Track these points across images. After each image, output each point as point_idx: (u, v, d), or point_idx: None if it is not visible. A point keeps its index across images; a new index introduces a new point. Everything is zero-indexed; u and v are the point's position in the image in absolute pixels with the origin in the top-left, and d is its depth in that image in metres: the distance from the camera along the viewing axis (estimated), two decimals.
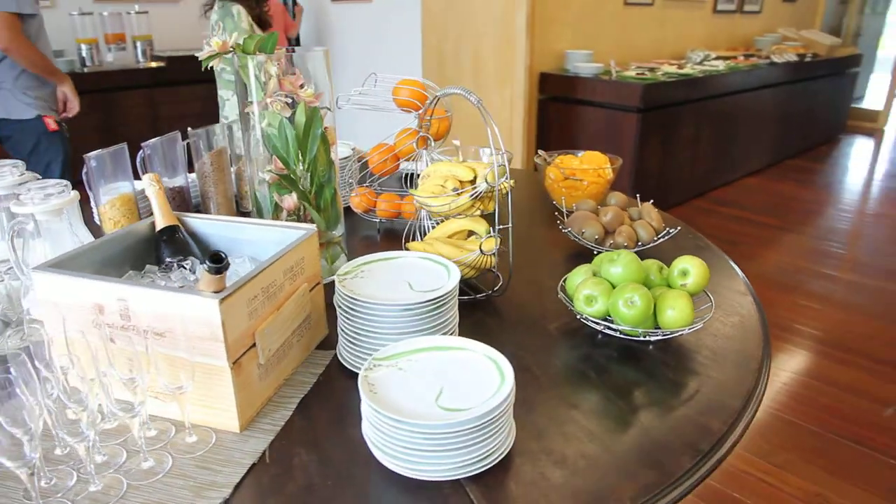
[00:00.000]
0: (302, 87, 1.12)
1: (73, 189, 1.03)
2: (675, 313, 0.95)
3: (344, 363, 0.93)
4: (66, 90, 2.91)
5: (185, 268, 0.92)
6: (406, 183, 1.63)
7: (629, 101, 3.90)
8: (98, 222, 1.34)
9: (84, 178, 1.36)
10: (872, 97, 8.25)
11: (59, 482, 0.71)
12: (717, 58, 5.26)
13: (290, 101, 1.11)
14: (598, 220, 1.34)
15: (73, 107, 2.96)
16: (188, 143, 1.41)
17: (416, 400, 0.72)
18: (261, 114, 1.12)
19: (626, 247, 1.30)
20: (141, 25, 5.48)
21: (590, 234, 1.31)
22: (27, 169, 1.25)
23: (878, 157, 6.43)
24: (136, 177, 1.28)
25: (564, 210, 1.44)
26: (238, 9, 3.15)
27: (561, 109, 4.28)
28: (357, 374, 0.77)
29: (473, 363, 0.78)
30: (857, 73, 6.95)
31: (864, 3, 8.68)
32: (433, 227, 1.31)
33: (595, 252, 1.31)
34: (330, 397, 0.88)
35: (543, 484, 0.71)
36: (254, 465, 0.74)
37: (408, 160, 1.47)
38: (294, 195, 1.15)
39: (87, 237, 1.06)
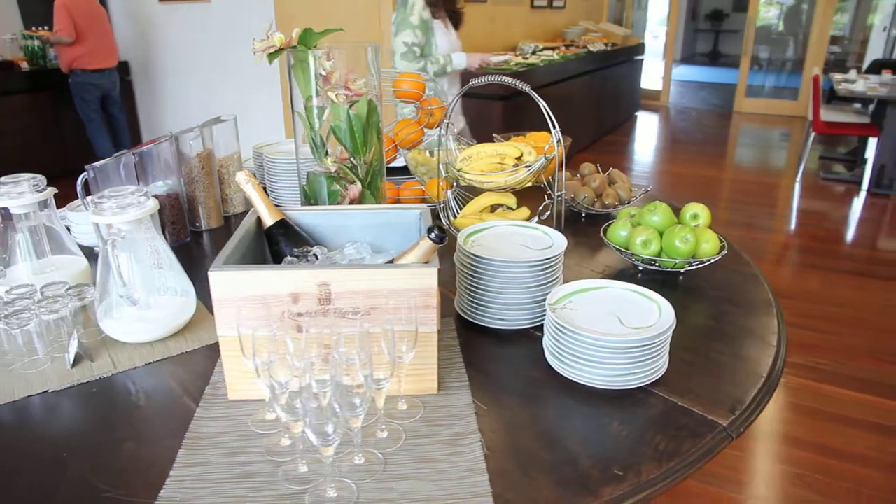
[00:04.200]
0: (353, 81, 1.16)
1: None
2: (709, 246, 1.20)
3: (467, 318, 1.05)
4: None
5: (316, 256, 0.94)
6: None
7: (493, 91, 4.23)
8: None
9: (80, 187, 1.24)
10: (649, 79, 9.77)
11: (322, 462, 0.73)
12: (545, 48, 5.87)
13: (350, 93, 1.15)
14: (589, 186, 1.56)
15: None
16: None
17: (609, 325, 0.87)
18: (319, 107, 1.14)
19: (616, 205, 1.54)
20: None
21: (587, 199, 1.53)
22: None
23: (663, 128, 7.78)
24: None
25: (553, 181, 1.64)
26: (413, 0, 2.65)
27: None
28: (480, 326, 0.91)
29: (623, 296, 0.95)
30: (643, 59, 8.19)
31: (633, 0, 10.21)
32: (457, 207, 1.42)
33: (583, 214, 1.54)
34: (478, 350, 0.97)
35: (690, 383, 0.90)
36: (475, 413, 0.82)
37: (410, 149, 1.54)
38: (358, 184, 1.19)
39: (162, 246, 1.00)
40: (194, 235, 1.48)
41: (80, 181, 1.25)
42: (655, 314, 0.91)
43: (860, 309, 3.07)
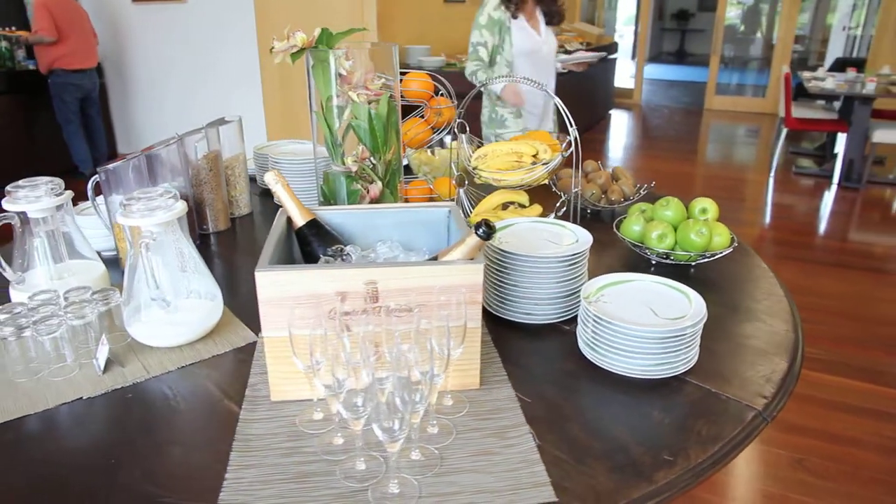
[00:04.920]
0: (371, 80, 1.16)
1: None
2: (721, 239, 1.23)
3: (495, 313, 1.06)
4: None
5: (351, 255, 0.94)
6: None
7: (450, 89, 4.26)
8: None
9: (90, 190, 1.22)
10: (619, 78, 9.93)
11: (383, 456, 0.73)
12: None
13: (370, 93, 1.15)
14: (594, 183, 1.59)
15: None
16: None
17: (644, 316, 0.89)
18: (339, 107, 1.14)
19: (621, 201, 1.57)
20: None
21: (594, 195, 1.55)
22: None
23: (637, 126, 7.94)
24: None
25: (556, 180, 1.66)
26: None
27: None
28: (508, 321, 0.97)
29: (651, 288, 0.97)
30: (616, 58, 8.31)
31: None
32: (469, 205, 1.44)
33: (588, 210, 1.57)
34: (508, 344, 0.99)
35: (720, 371, 0.93)
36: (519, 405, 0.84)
37: (416, 149, 1.55)
38: (379, 183, 1.19)
39: (189, 248, 0.99)
40: (202, 238, 1.46)
41: (90, 184, 1.22)
42: (686, 304, 0.93)
43: (843, 300, 3.17)
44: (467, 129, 1.40)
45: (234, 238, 1.50)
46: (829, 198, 4.73)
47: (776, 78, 7.80)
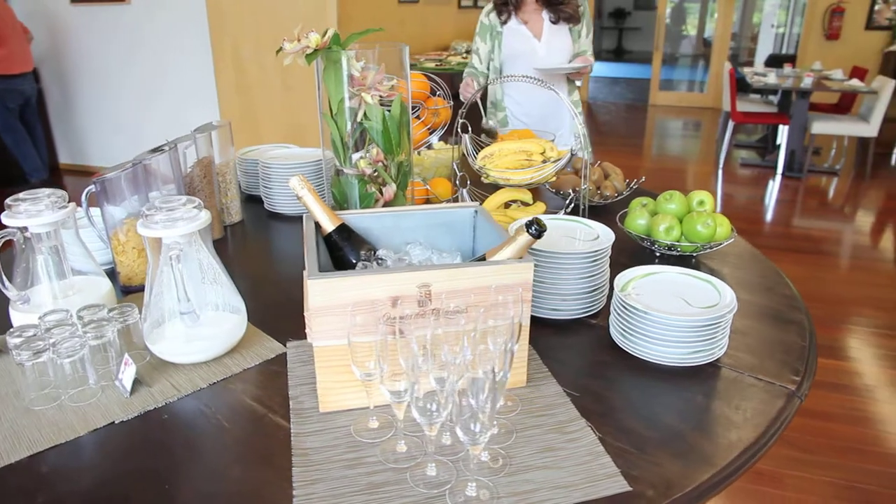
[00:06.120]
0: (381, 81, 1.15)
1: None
2: (723, 229, 1.28)
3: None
4: None
5: (386, 259, 0.93)
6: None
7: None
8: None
9: (84, 202, 1.16)
10: None
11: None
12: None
13: (382, 95, 1.13)
14: (588, 179, 1.62)
15: None
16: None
17: (679, 306, 0.91)
18: (351, 108, 1.12)
19: (615, 196, 1.61)
20: None
21: (590, 192, 1.58)
22: None
23: (587, 122, 8.10)
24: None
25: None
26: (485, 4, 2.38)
27: None
28: (533, 317, 0.92)
29: (677, 279, 1.00)
30: None
31: None
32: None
33: (568, 203, 1.60)
34: (539, 340, 0.99)
35: (747, 356, 0.97)
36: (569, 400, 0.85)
37: (416, 148, 1.54)
38: (393, 185, 1.17)
39: (209, 258, 0.95)
40: None
41: (84, 195, 1.16)
42: (714, 294, 0.96)
43: (800, 283, 3.33)
44: (469, 129, 1.40)
45: (229, 247, 1.45)
46: (773, 187, 4.97)
47: (715, 74, 8.15)
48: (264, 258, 1.43)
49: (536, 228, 0.78)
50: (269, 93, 4.21)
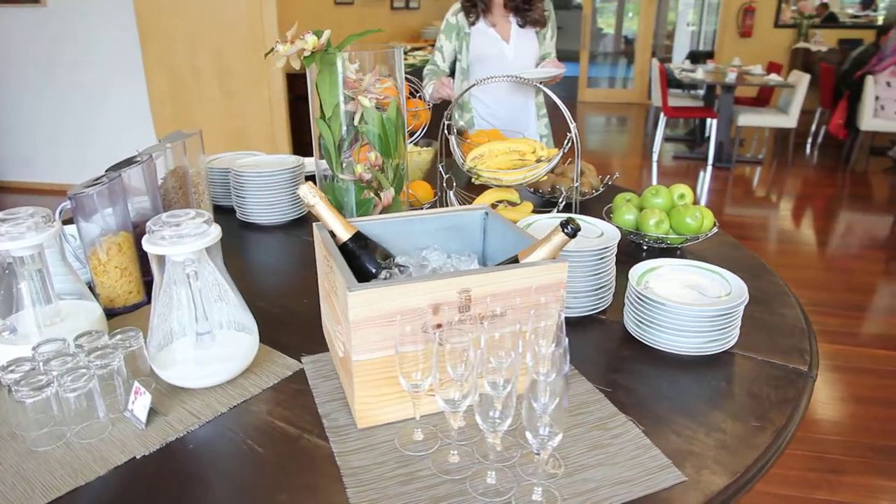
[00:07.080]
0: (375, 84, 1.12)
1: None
2: (707, 221, 1.34)
3: None
4: None
5: (408, 267, 0.91)
6: None
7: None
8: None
9: (58, 219, 1.07)
10: None
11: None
12: (413, 49, 5.94)
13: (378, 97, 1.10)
14: (566, 177, 1.65)
15: None
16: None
17: (694, 297, 0.94)
18: (347, 112, 1.09)
19: (592, 192, 1.65)
20: None
21: (570, 189, 1.61)
22: None
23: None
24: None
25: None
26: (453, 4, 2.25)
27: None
28: None
29: (687, 271, 1.03)
30: None
31: None
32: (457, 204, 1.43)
33: (561, 201, 1.63)
34: None
35: (755, 342, 1.01)
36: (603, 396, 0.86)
37: None
38: (391, 190, 1.15)
39: (218, 275, 0.90)
40: None
41: (58, 212, 1.07)
42: (725, 284, 1.00)
43: None
44: (455, 131, 1.39)
45: None
46: (705, 178, 5.24)
47: (641, 70, 8.50)
48: (248, 271, 1.36)
49: (572, 228, 0.78)
50: (206, 99, 4.02)
